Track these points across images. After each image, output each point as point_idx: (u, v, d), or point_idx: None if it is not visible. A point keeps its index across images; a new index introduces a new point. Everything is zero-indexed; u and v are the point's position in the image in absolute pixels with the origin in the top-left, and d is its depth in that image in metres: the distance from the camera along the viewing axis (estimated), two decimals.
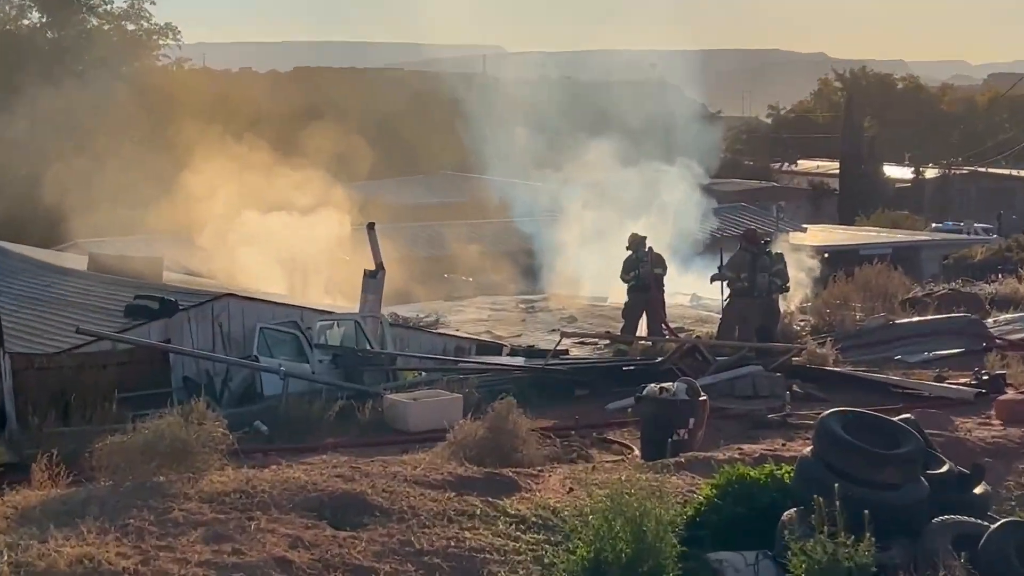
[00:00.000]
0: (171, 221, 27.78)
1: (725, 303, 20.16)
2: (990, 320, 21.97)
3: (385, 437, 14.43)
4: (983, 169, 76.48)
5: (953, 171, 75.16)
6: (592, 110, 41.97)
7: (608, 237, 30.06)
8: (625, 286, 21.45)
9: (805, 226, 46.11)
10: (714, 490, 9.21)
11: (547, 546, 8.68)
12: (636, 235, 21.61)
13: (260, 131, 32.78)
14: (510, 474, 10.32)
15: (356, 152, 34.74)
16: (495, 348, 20.49)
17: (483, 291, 31.89)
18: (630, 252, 21.32)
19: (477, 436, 11.77)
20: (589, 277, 31.05)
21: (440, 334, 20.92)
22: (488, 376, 17.10)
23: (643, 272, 21.02)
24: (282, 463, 10.78)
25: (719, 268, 20.35)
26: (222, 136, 30.08)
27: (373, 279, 18.99)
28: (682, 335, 21.44)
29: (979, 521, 8.71)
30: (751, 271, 19.70)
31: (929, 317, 21.41)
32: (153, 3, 53.38)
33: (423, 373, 17.71)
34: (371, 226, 19.42)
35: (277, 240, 26.34)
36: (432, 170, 53.16)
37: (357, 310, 19.01)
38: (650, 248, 21.28)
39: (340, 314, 19.06)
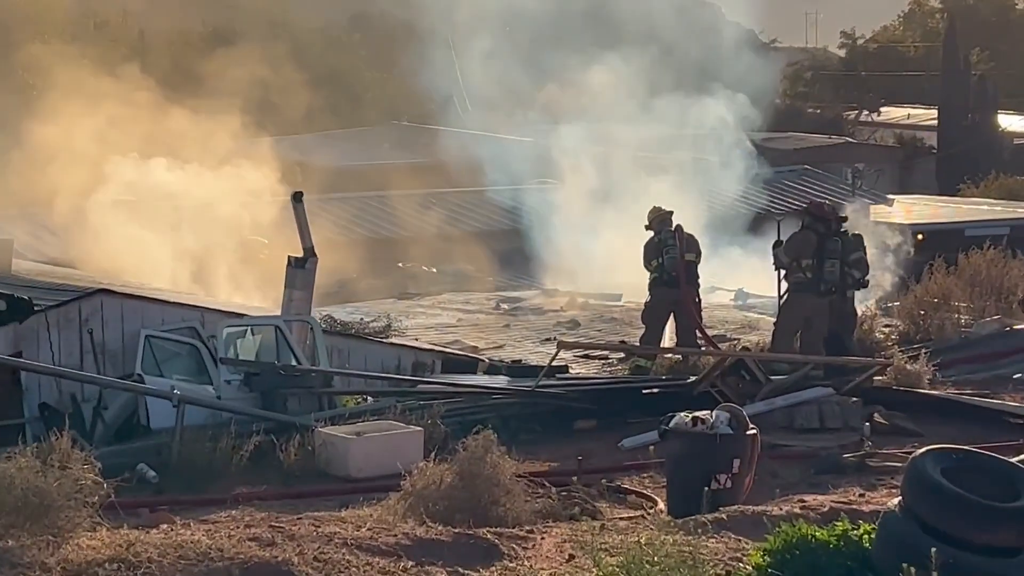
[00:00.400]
0: (23, 189, 27.74)
1: (782, 302, 20.20)
2: None
3: (317, 486, 14.41)
4: None
5: None
6: (596, 34, 42.00)
7: (622, 209, 30.11)
8: (646, 279, 21.47)
9: (891, 197, 46.27)
10: (767, 557, 9.23)
11: None
12: (659, 210, 21.60)
13: (148, 63, 32.75)
14: (488, 536, 10.33)
15: (284, 93, 34.78)
16: (468, 364, 20.49)
17: (451, 286, 31.92)
18: (652, 233, 21.32)
19: (444, 484, 11.77)
20: (596, 266, 31.09)
21: (393, 344, 20.91)
22: (459, 402, 17.09)
23: (669, 261, 21.01)
24: (176, 522, 10.74)
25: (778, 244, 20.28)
26: (93, 69, 30.05)
27: (301, 269, 18.97)
28: (723, 346, 21.47)
29: None
30: (817, 257, 19.72)
31: None
32: None
33: (369, 398, 17.68)
34: (298, 197, 19.38)
35: (166, 211, 26.34)
36: (380, 119, 53.17)
37: (279, 312, 18.98)
38: (678, 227, 21.28)
39: (255, 317, 19.00)
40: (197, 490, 14.15)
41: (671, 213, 21.55)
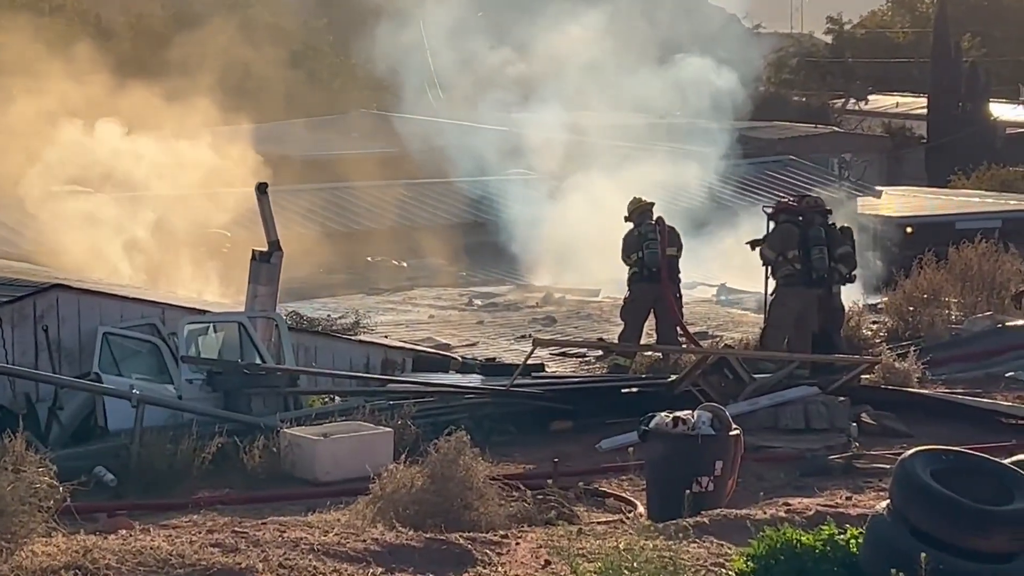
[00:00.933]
0: None
1: (772, 298, 20.19)
2: None
3: (283, 489, 14.40)
4: None
5: None
6: (561, 22, 42.01)
7: (600, 201, 30.14)
8: (625, 274, 21.47)
9: (880, 188, 46.42)
10: (751, 563, 9.25)
11: None
12: (640, 201, 21.59)
13: (108, 48, 32.67)
14: (461, 541, 10.33)
15: (248, 80, 34.70)
16: (440, 362, 20.49)
17: (422, 280, 31.92)
18: (632, 225, 21.30)
19: (414, 488, 11.77)
20: (573, 260, 31.13)
21: (361, 342, 20.90)
22: (430, 402, 17.09)
23: (650, 255, 21.00)
24: (135, 527, 10.72)
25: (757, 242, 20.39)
26: (48, 51, 29.97)
27: (266, 263, 18.93)
28: (705, 343, 21.50)
29: None
30: (803, 248, 19.73)
31: None
32: None
33: (337, 398, 17.66)
34: (262, 188, 19.34)
35: (124, 202, 26.28)
36: (348, 107, 53.11)
37: (242, 308, 18.95)
38: (659, 219, 21.28)
39: (218, 313, 18.96)
40: (157, 494, 14.12)
41: (652, 205, 21.52)
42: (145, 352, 17.52)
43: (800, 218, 20.01)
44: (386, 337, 22.35)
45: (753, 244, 20.53)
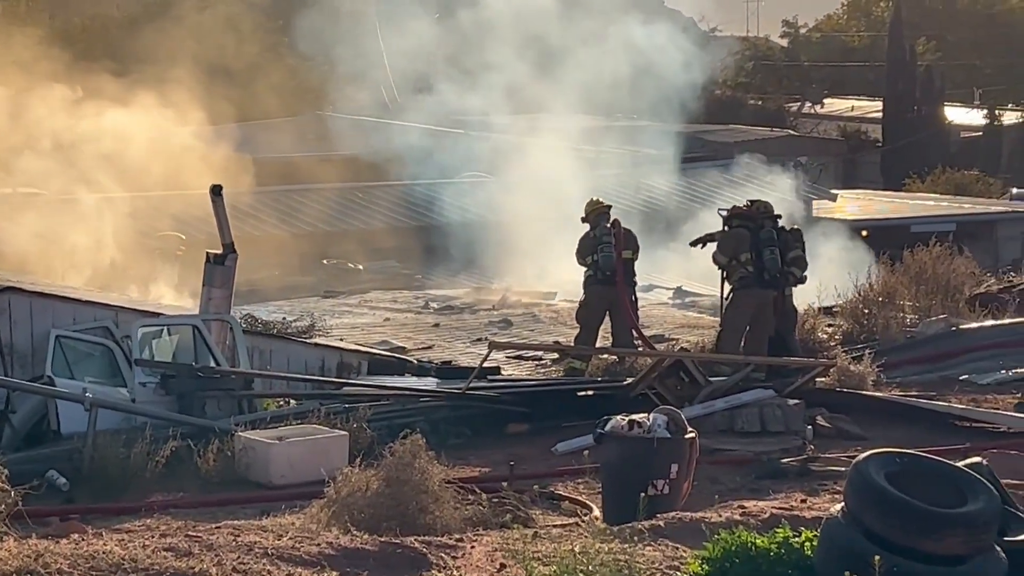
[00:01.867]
0: None
1: (727, 301, 20.26)
2: None
3: (237, 493, 14.36)
4: None
5: None
6: (507, 29, 42.04)
7: (556, 203, 30.17)
8: (581, 277, 21.49)
9: (835, 192, 46.63)
10: (706, 565, 9.26)
11: None
12: (597, 203, 21.61)
13: (64, 47, 32.54)
14: (416, 545, 10.31)
15: (201, 81, 34.57)
16: (396, 365, 20.47)
17: (378, 283, 31.88)
18: (588, 228, 21.33)
19: (369, 491, 11.75)
20: (530, 264, 31.14)
21: (317, 345, 20.86)
22: (386, 405, 17.07)
23: (604, 258, 21.00)
24: (87, 531, 10.65)
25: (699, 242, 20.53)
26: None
27: (220, 266, 18.89)
28: (661, 346, 21.53)
29: None
30: (755, 250, 19.82)
31: (1008, 321, 21.69)
32: None
33: (292, 401, 17.63)
34: (216, 191, 19.29)
35: (76, 203, 26.18)
36: (301, 109, 52.94)
37: (197, 310, 18.88)
38: (615, 222, 21.30)
39: (172, 316, 18.90)
40: (110, 498, 14.06)
41: (609, 207, 21.54)
42: (98, 355, 17.47)
43: (751, 223, 20.12)
44: (341, 340, 22.31)
45: (695, 243, 20.75)
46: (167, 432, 15.49)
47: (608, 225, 21.13)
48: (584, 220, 21.34)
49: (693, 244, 21.07)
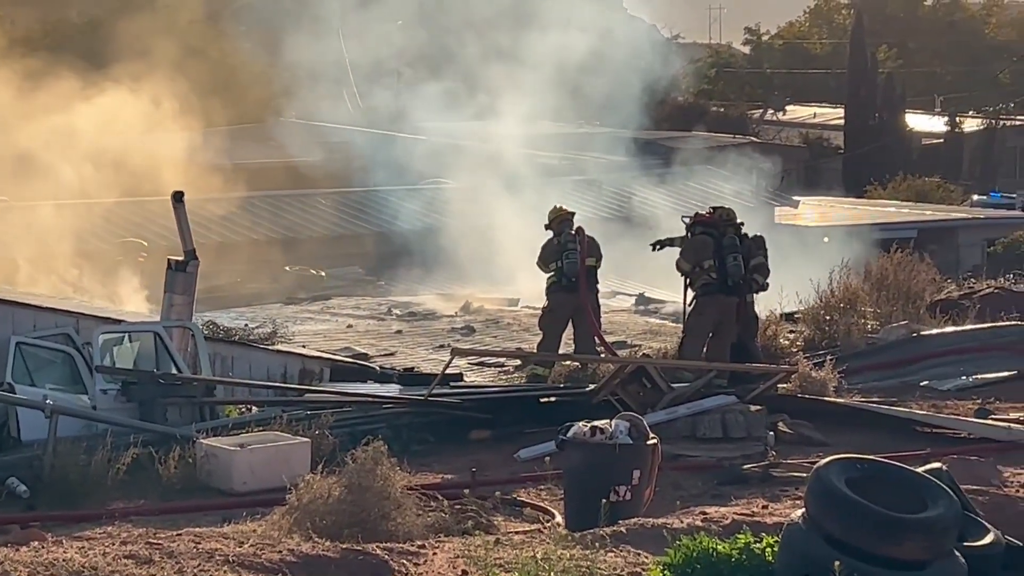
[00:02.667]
0: None
1: (690, 307, 20.31)
2: None
3: (198, 500, 14.32)
4: None
5: (1003, 122, 76.57)
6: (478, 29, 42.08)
7: (519, 210, 30.18)
8: (544, 284, 21.48)
9: (797, 199, 46.75)
10: (668, 571, 9.27)
11: None
12: (561, 210, 21.61)
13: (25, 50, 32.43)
14: (378, 551, 10.30)
15: (162, 86, 34.50)
16: (358, 372, 20.45)
17: (341, 290, 31.84)
18: (551, 234, 21.31)
19: (331, 498, 11.73)
20: (492, 270, 31.14)
21: (279, 352, 20.82)
22: (348, 412, 17.05)
23: (569, 264, 21.00)
24: (48, 538, 10.61)
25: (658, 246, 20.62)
26: None
27: (181, 273, 18.83)
28: (623, 353, 21.56)
29: None
30: (718, 257, 19.90)
31: (969, 327, 21.77)
32: None
33: (254, 408, 17.58)
34: (178, 197, 19.24)
35: (38, 209, 26.09)
36: (264, 115, 52.83)
37: (158, 317, 18.82)
38: (579, 229, 21.31)
39: (133, 323, 18.83)
40: (71, 505, 14.00)
41: (573, 214, 21.54)
42: (59, 362, 17.39)
43: (714, 230, 20.20)
44: (304, 347, 22.27)
45: (654, 246, 20.81)
46: (128, 439, 15.44)
47: (572, 232, 21.14)
48: (548, 227, 21.33)
49: (653, 247, 21.15)
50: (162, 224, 27.75)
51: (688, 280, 20.30)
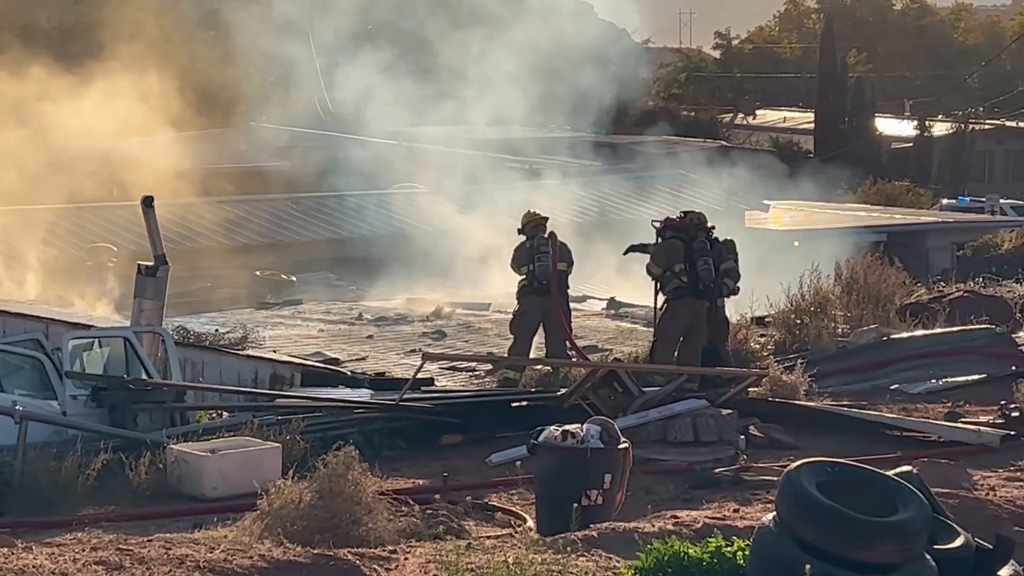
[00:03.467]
0: None
1: (661, 311, 20.33)
2: (1022, 334, 22.49)
3: (169, 506, 14.28)
4: (1013, 124, 78.29)
5: (972, 126, 76.86)
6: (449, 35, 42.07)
7: (490, 215, 30.19)
8: (515, 288, 21.49)
9: (767, 202, 46.80)
10: (639, 575, 9.28)
11: None
12: (534, 214, 21.65)
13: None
14: (349, 557, 10.29)
15: (134, 91, 34.46)
16: (329, 377, 20.41)
17: (312, 295, 31.77)
18: (524, 238, 21.35)
19: (302, 503, 11.71)
20: (464, 275, 31.13)
21: (249, 357, 20.77)
22: (319, 417, 17.01)
23: (541, 268, 21.03)
24: (17, 545, 10.58)
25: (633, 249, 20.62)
26: None
27: (151, 278, 18.78)
28: (594, 357, 21.56)
29: None
30: (688, 261, 19.93)
31: (938, 330, 21.84)
32: None
33: (224, 413, 17.55)
34: (148, 202, 19.20)
35: (6, 214, 26.02)
36: (235, 120, 52.79)
37: (128, 322, 18.77)
38: (552, 234, 21.34)
39: (103, 328, 18.78)
40: (41, 511, 13.96)
41: (546, 219, 21.60)
42: (28, 368, 17.32)
43: (684, 235, 20.23)
44: (275, 352, 22.21)
45: (627, 251, 20.83)
46: (99, 445, 15.41)
47: (545, 236, 21.19)
48: (520, 231, 21.39)
49: (626, 252, 21.17)
50: (132, 229, 27.64)
51: (659, 284, 20.33)
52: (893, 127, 76.44)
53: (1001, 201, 59.48)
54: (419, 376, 18.51)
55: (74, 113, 29.05)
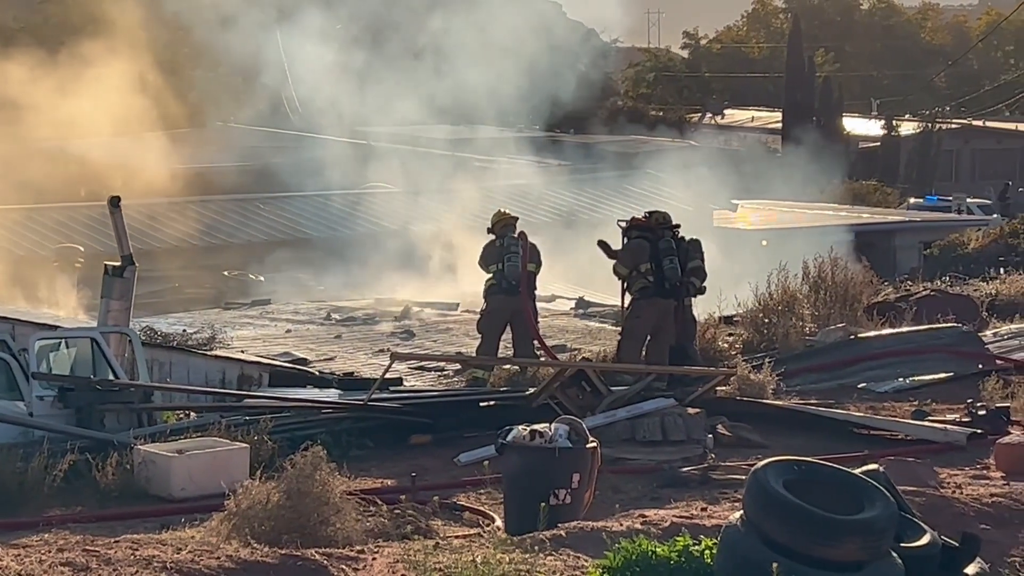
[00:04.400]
0: None
1: (628, 311, 20.38)
2: (988, 333, 22.57)
3: (136, 507, 14.25)
4: (979, 123, 78.65)
5: (939, 126, 77.17)
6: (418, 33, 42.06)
7: (459, 214, 30.18)
8: (483, 287, 21.50)
9: (736, 202, 46.89)
10: (607, 574, 9.29)
11: None
12: (504, 214, 21.67)
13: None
14: (317, 557, 10.28)
15: (105, 92, 34.40)
16: (297, 377, 20.39)
17: (280, 295, 31.73)
18: (493, 237, 21.35)
19: (270, 503, 11.70)
20: (433, 275, 31.13)
21: (217, 357, 20.74)
22: (287, 417, 16.99)
23: (510, 268, 21.06)
24: None
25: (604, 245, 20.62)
26: None
27: (118, 278, 18.74)
28: (563, 356, 21.58)
29: None
30: (654, 260, 19.97)
31: (905, 329, 21.91)
32: None
33: (192, 414, 17.52)
34: (115, 202, 19.15)
35: None
36: (203, 120, 52.68)
37: (95, 323, 18.72)
38: (522, 234, 21.36)
39: (70, 328, 18.73)
40: (7, 512, 13.90)
41: (516, 219, 21.64)
42: None
43: (650, 234, 20.27)
44: (242, 352, 22.18)
45: (601, 243, 20.86)
46: (65, 446, 15.34)
47: (515, 236, 21.22)
48: (490, 231, 21.39)
49: (600, 243, 21.09)
50: (98, 229, 27.56)
51: (626, 284, 20.37)
52: (860, 126, 76.72)
53: (968, 200, 59.76)
54: (388, 376, 18.49)
55: (42, 112, 28.95)
